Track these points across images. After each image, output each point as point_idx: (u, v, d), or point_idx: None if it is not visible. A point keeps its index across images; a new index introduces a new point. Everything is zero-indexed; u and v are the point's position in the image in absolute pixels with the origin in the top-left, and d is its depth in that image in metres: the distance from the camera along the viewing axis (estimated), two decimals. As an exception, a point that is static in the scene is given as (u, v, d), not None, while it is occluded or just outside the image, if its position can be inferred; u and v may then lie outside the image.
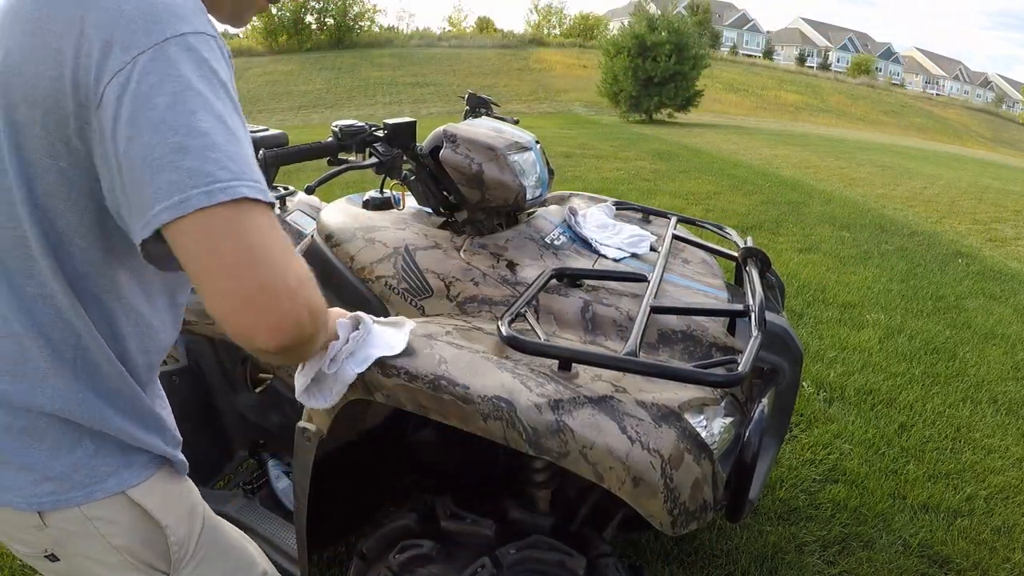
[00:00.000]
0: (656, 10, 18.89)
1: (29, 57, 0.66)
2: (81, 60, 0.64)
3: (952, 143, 26.48)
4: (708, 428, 1.10)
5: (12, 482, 0.77)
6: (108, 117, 0.63)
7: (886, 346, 3.45)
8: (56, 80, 0.65)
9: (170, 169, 0.61)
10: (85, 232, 0.73)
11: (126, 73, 0.62)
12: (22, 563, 1.82)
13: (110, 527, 0.81)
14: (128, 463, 0.81)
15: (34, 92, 0.66)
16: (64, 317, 0.75)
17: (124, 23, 0.63)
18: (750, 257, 1.45)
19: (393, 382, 1.03)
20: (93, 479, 0.79)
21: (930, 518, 2.15)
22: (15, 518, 0.79)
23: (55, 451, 0.77)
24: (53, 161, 0.68)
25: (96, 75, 0.63)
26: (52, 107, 0.66)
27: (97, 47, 0.63)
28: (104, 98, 0.63)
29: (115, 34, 0.63)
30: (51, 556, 0.83)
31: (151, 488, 0.83)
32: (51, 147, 0.68)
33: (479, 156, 1.37)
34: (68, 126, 0.66)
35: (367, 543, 1.19)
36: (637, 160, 9.19)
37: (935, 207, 7.43)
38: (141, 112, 0.62)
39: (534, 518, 1.14)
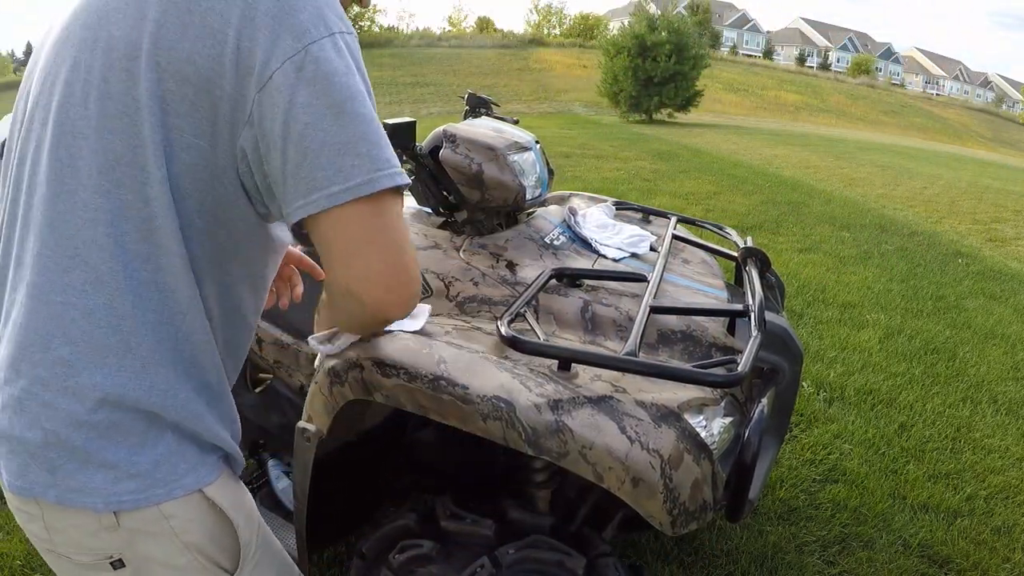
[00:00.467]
0: (656, 10, 18.91)
1: (184, 34, 0.66)
2: (243, 43, 0.65)
3: (952, 143, 26.48)
4: (708, 428, 1.10)
5: (91, 482, 0.74)
6: (280, 100, 0.65)
7: (886, 346, 3.45)
8: (215, 59, 0.66)
9: (352, 154, 0.66)
10: (207, 215, 0.73)
11: (299, 59, 0.65)
12: (22, 563, 1.82)
13: (186, 525, 0.79)
14: (203, 460, 0.80)
15: (187, 69, 0.66)
16: (173, 305, 0.74)
17: (294, 11, 0.66)
18: (750, 257, 1.45)
19: (392, 382, 1.03)
20: (174, 475, 0.77)
21: (930, 518, 2.15)
22: (88, 521, 0.75)
23: (139, 447, 0.75)
24: (196, 139, 0.69)
25: (264, 59, 0.65)
26: (205, 86, 0.66)
27: (265, 31, 0.65)
28: (272, 81, 0.65)
29: (284, 20, 0.65)
30: (117, 562, 0.79)
31: (224, 485, 0.83)
32: (197, 125, 0.68)
33: (479, 156, 1.37)
34: (220, 106, 0.67)
35: (367, 543, 1.19)
36: (637, 160, 9.20)
37: (935, 207, 7.43)
38: (319, 98, 0.65)
39: (534, 518, 1.14)
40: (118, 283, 0.71)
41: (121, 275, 0.71)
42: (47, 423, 0.72)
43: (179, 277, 0.73)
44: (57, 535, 0.77)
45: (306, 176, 0.67)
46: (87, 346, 0.72)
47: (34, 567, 1.82)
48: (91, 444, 0.73)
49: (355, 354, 1.07)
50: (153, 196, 0.70)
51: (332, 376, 1.09)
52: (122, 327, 0.72)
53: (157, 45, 0.67)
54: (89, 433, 0.73)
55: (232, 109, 0.67)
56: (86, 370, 0.72)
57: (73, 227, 0.70)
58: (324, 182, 0.66)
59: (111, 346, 0.72)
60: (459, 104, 2.03)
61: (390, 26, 50.21)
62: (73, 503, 0.74)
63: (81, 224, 0.70)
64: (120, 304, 0.71)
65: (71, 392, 0.72)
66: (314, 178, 0.66)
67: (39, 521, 0.77)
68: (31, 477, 0.74)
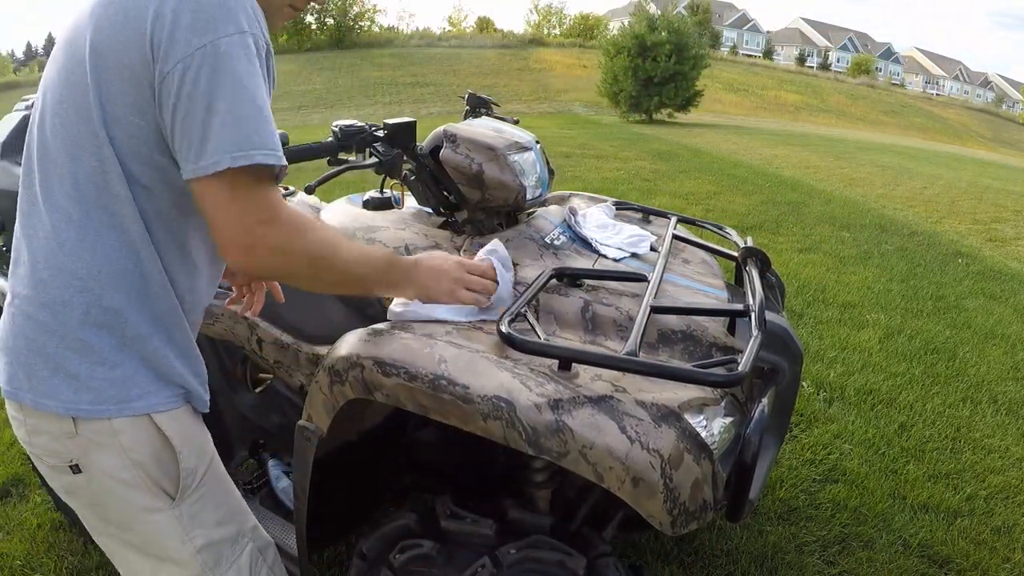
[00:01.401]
0: (656, 10, 18.91)
1: (118, 36, 0.82)
2: (155, 39, 0.79)
3: (952, 143, 26.48)
4: (708, 428, 1.10)
5: (57, 389, 0.89)
6: (172, 89, 0.80)
7: (886, 346, 3.45)
8: (140, 54, 0.81)
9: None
10: (148, 173, 0.88)
11: (186, 62, 0.79)
12: (22, 563, 1.82)
13: (133, 443, 0.92)
14: (158, 391, 0.94)
15: (121, 66, 0.82)
16: (131, 246, 0.89)
17: (187, 19, 0.79)
18: (750, 257, 1.45)
19: (393, 381, 1.03)
20: (127, 398, 0.91)
21: (930, 518, 2.15)
22: (52, 425, 0.90)
23: (99, 365, 0.89)
24: (133, 117, 0.84)
25: (164, 55, 0.79)
26: (134, 76, 0.82)
27: (166, 34, 0.79)
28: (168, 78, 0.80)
29: (177, 28, 0.79)
30: (75, 467, 0.93)
31: (173, 417, 0.95)
32: (132, 106, 0.84)
33: (479, 156, 1.37)
34: (144, 91, 0.82)
35: (367, 543, 1.19)
36: (637, 160, 9.20)
37: (935, 207, 7.44)
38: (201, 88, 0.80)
39: (534, 518, 1.14)
40: (84, 224, 0.87)
41: (84, 218, 0.87)
42: (29, 332, 0.89)
43: (133, 224, 0.88)
44: (34, 437, 0.93)
45: (192, 146, 0.82)
46: (60, 270, 0.88)
47: (34, 567, 1.82)
48: (60, 355, 0.88)
49: (355, 353, 1.07)
50: (107, 157, 0.86)
51: (332, 375, 1.09)
52: (88, 260, 0.87)
53: (98, 46, 0.83)
54: (59, 344, 0.88)
55: (152, 94, 0.82)
56: (57, 289, 0.88)
57: (53, 181, 0.88)
58: (201, 156, 0.81)
59: (77, 271, 0.88)
60: (459, 104, 2.03)
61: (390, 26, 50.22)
62: (42, 407, 0.90)
63: (57, 180, 0.88)
64: (85, 238, 0.87)
65: (47, 306, 0.88)
66: (193, 150, 0.82)
67: (23, 426, 0.93)
68: (15, 383, 0.91)
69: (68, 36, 0.88)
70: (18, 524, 1.97)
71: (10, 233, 1.64)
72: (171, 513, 0.97)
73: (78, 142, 0.86)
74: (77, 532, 1.91)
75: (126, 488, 0.94)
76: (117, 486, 0.94)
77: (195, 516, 0.99)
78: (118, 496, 0.95)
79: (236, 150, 0.80)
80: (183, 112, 0.80)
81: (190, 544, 0.99)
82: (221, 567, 1.02)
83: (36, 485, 2.11)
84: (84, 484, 0.94)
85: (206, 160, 0.80)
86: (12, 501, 2.09)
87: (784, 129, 18.79)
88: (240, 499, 1.09)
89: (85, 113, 0.85)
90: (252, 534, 1.09)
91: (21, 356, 0.90)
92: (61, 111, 0.87)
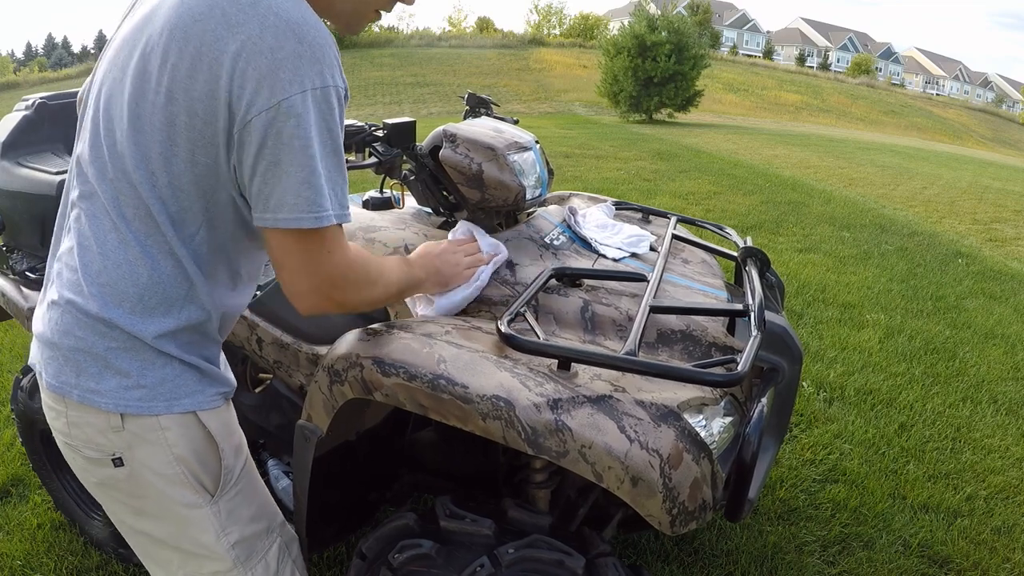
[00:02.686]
0: (656, 10, 18.88)
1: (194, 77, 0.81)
2: (235, 91, 0.80)
3: (952, 143, 26.48)
4: (707, 428, 1.10)
5: (108, 386, 0.91)
6: (255, 139, 0.81)
7: (886, 346, 3.45)
8: (214, 101, 0.81)
9: (293, 195, 0.83)
10: (214, 210, 0.90)
11: (272, 112, 0.80)
12: (22, 563, 1.82)
13: (178, 439, 0.95)
14: (203, 389, 0.97)
15: (196, 106, 0.82)
16: (186, 273, 0.91)
17: (276, 67, 0.79)
18: (750, 257, 1.45)
19: (392, 381, 1.04)
20: (175, 396, 0.94)
21: (930, 518, 2.15)
22: (98, 419, 0.92)
23: (150, 364, 0.92)
24: (205, 156, 0.85)
25: (246, 106, 0.80)
26: (208, 119, 0.83)
27: (251, 83, 0.79)
28: (251, 124, 0.81)
29: (266, 76, 0.79)
30: (117, 460, 0.94)
31: (216, 415, 0.99)
32: (204, 146, 0.85)
33: (479, 156, 1.37)
34: (218, 135, 0.83)
35: (367, 543, 1.19)
36: (637, 160, 9.20)
37: (935, 207, 7.44)
38: (281, 144, 0.81)
39: (533, 517, 1.13)
40: (144, 245, 0.89)
41: (147, 239, 0.89)
42: (79, 332, 0.90)
43: (189, 251, 0.91)
44: (75, 430, 0.94)
45: (268, 199, 0.84)
46: (114, 286, 0.89)
47: (34, 567, 1.82)
48: (111, 354, 0.90)
49: (355, 353, 1.07)
50: (177, 188, 0.87)
51: (332, 375, 1.09)
52: (141, 278, 0.89)
53: (174, 84, 0.83)
54: (110, 345, 0.90)
55: (227, 139, 0.83)
56: (111, 301, 0.89)
57: (122, 201, 0.88)
58: (273, 208, 0.84)
59: (131, 290, 0.89)
60: (459, 104, 2.03)
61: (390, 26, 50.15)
62: (90, 402, 0.91)
63: (126, 201, 0.88)
64: (144, 261, 0.89)
65: (99, 314, 0.89)
66: (269, 202, 0.84)
67: (64, 417, 0.94)
68: (63, 378, 0.92)
69: (133, 56, 0.86)
70: (18, 524, 1.97)
71: (10, 233, 1.64)
72: (209, 509, 0.99)
73: (149, 168, 0.86)
74: (77, 532, 1.92)
75: (167, 483, 0.96)
76: (159, 481, 0.96)
77: (232, 512, 1.02)
78: (158, 491, 0.96)
79: (303, 211, 0.83)
80: (258, 161, 0.82)
81: (225, 539, 1.01)
82: (252, 561, 1.04)
83: (36, 485, 2.11)
84: (124, 478, 0.96)
85: (273, 214, 0.84)
86: (12, 501, 2.09)
87: (784, 129, 18.79)
88: (269, 495, 1.12)
89: (159, 143, 0.85)
90: (280, 529, 1.11)
91: (69, 353, 0.91)
92: (134, 133, 0.86)
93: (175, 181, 0.86)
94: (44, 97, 1.64)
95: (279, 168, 0.82)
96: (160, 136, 0.84)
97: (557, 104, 22.32)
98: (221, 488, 1.00)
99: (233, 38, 0.79)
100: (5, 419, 2.47)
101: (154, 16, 0.85)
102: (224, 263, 0.96)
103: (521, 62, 30.48)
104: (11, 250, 1.65)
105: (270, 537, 1.08)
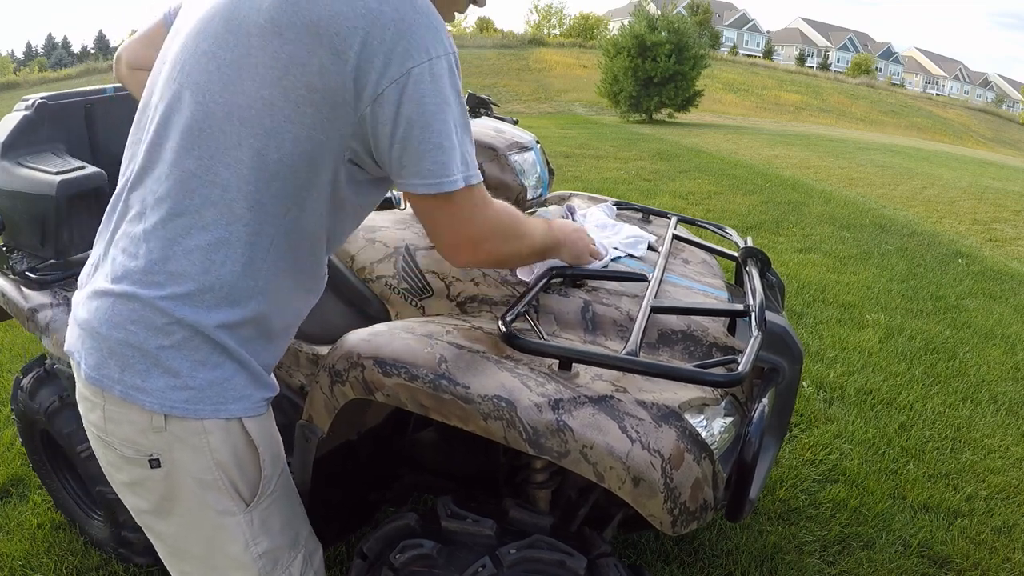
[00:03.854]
0: (656, 10, 18.88)
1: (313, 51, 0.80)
2: (362, 64, 0.79)
3: (952, 143, 26.48)
4: (708, 428, 1.10)
5: (154, 384, 0.87)
6: (389, 111, 0.81)
7: (886, 346, 3.45)
8: (339, 75, 0.80)
9: (428, 161, 0.84)
10: (290, 190, 0.87)
11: (403, 81, 0.80)
12: (22, 563, 1.82)
13: (220, 445, 0.92)
14: (251, 395, 0.94)
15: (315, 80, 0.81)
16: (255, 265, 0.89)
17: (400, 37, 0.79)
18: (750, 257, 1.45)
19: (393, 381, 1.03)
20: (223, 400, 0.90)
21: (930, 518, 2.15)
22: (139, 417, 0.88)
23: (200, 365, 0.88)
24: (319, 133, 0.84)
25: (377, 78, 0.80)
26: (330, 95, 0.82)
27: (380, 56, 0.79)
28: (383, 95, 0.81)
29: (393, 48, 0.79)
30: (155, 461, 0.91)
31: (260, 422, 0.96)
32: (315, 125, 0.84)
33: (480, 156, 1.37)
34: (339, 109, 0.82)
35: (368, 543, 1.19)
36: (637, 160, 9.20)
37: (935, 207, 7.44)
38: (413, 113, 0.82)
39: (535, 518, 1.13)
40: (222, 237, 0.86)
41: (225, 232, 0.86)
42: (131, 326, 0.86)
43: (266, 245, 0.89)
44: (112, 425, 0.90)
45: (405, 166, 0.85)
46: (181, 277, 0.86)
47: (34, 567, 1.82)
48: (163, 352, 0.87)
49: (356, 353, 1.07)
50: (273, 175, 0.86)
51: (333, 375, 1.09)
52: (214, 276, 0.87)
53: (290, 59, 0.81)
54: (163, 342, 0.86)
55: (354, 114, 0.83)
56: (175, 294, 0.86)
57: (211, 189, 0.86)
58: (412, 175, 0.85)
59: (202, 282, 0.87)
60: (459, 104, 2.02)
61: (390, 26, 49.97)
62: (133, 399, 0.87)
63: (215, 187, 0.86)
64: (218, 253, 0.86)
65: (160, 306, 0.86)
66: (407, 169, 0.85)
67: (99, 411, 0.90)
68: (104, 371, 0.88)
69: (231, 32, 0.84)
70: (18, 524, 1.97)
71: (10, 233, 1.64)
72: (242, 518, 0.97)
73: (248, 150, 0.84)
74: (77, 532, 1.91)
75: (204, 489, 0.93)
76: (195, 486, 0.93)
77: (264, 522, 0.99)
78: (193, 495, 0.93)
79: (441, 176, 0.85)
80: (394, 131, 0.82)
81: (254, 549, 0.98)
82: (275, 572, 1.02)
83: (36, 485, 2.11)
84: (159, 479, 0.92)
85: (413, 179, 0.85)
86: (12, 501, 2.09)
87: (784, 129, 18.79)
88: (300, 505, 1.09)
89: (265, 122, 0.83)
90: (306, 540, 1.09)
91: (116, 347, 0.87)
92: (231, 112, 0.84)
93: (273, 164, 0.84)
94: (44, 97, 1.64)
95: (412, 136, 0.82)
96: (270, 115, 0.82)
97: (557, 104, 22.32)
98: (258, 498, 0.98)
99: (352, 11, 0.79)
100: (5, 419, 2.47)
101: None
102: (296, 257, 0.94)
103: (521, 62, 30.48)
104: (11, 250, 1.65)
105: (296, 548, 1.06)
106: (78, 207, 1.50)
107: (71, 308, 0.96)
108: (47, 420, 1.71)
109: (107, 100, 1.76)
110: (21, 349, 3.06)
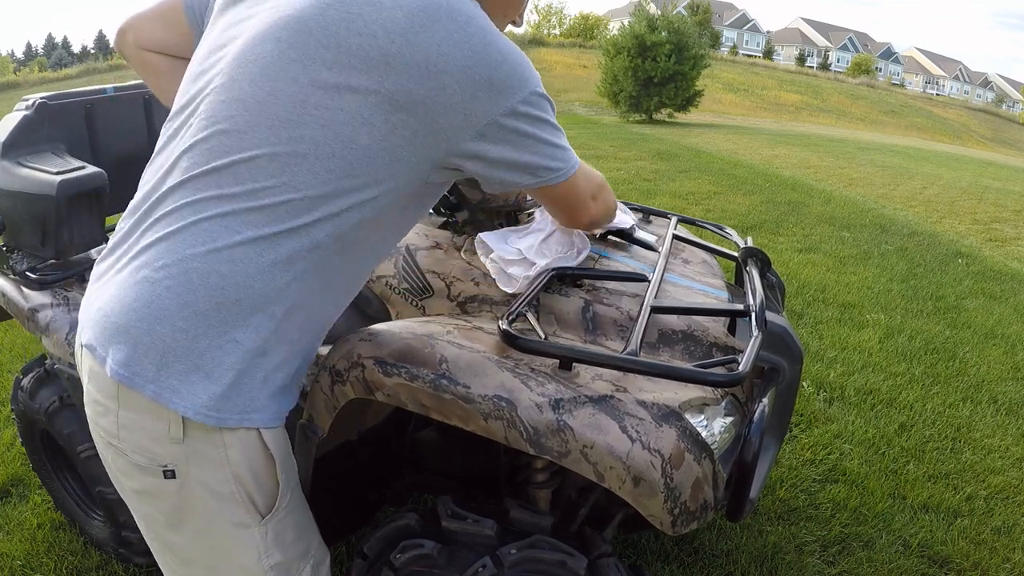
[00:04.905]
0: (656, 10, 18.87)
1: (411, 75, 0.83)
2: (468, 98, 0.84)
3: (952, 143, 26.48)
4: (709, 428, 1.10)
5: (192, 389, 0.83)
6: (500, 138, 0.89)
7: (886, 346, 3.45)
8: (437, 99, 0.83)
9: (534, 167, 0.95)
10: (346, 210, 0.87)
11: (508, 114, 0.87)
12: (22, 563, 1.82)
13: (239, 458, 0.89)
14: (270, 406, 0.91)
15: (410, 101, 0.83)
16: (301, 280, 0.88)
17: (492, 81, 0.85)
18: (750, 257, 1.45)
19: (394, 381, 1.03)
20: (248, 408, 0.88)
21: (930, 518, 2.16)
22: (157, 425, 0.85)
23: (230, 370, 0.85)
24: None
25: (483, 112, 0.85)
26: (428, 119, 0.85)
27: (469, 92, 0.84)
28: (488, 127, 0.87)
29: (495, 84, 0.86)
30: (169, 472, 0.88)
31: (278, 434, 0.95)
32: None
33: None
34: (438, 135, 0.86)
35: (368, 543, 1.19)
36: (637, 160, 9.20)
37: (935, 207, 7.44)
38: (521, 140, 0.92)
39: (535, 518, 1.14)
40: (266, 246, 0.85)
41: (255, 255, 0.85)
42: (181, 323, 0.82)
43: (309, 258, 0.87)
44: (125, 432, 0.86)
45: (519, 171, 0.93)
46: (220, 279, 0.84)
47: (34, 567, 1.82)
48: (210, 354, 0.83)
49: (356, 353, 1.07)
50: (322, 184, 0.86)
51: (333, 375, 1.09)
52: (256, 296, 0.85)
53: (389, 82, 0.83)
54: (211, 341, 0.83)
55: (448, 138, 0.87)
56: (223, 297, 0.84)
57: (255, 197, 0.85)
58: (529, 175, 0.94)
59: (243, 310, 0.85)
60: (460, 104, 2.02)
61: (390, 26, 49.96)
62: (165, 401, 0.83)
63: (263, 197, 0.85)
64: (260, 280, 0.85)
65: (210, 305, 0.83)
66: (523, 174, 0.94)
67: (112, 416, 0.86)
68: (137, 368, 0.83)
69: (295, 35, 0.83)
70: (18, 524, 1.97)
71: (10, 233, 1.64)
72: (257, 531, 0.95)
73: (288, 163, 0.83)
74: (77, 532, 1.91)
75: (220, 501, 0.91)
76: (210, 498, 0.90)
77: (279, 534, 0.98)
78: (208, 507, 0.91)
79: (552, 175, 0.96)
80: (503, 153, 0.90)
81: (266, 561, 0.97)
82: None
83: (36, 485, 2.11)
84: (173, 490, 0.89)
85: (531, 178, 0.95)
86: (12, 501, 2.09)
87: (784, 129, 18.79)
88: (310, 514, 1.08)
89: (344, 131, 0.83)
90: (315, 550, 1.08)
91: (157, 344, 0.82)
92: (284, 128, 0.83)
93: (337, 165, 0.84)
94: (44, 97, 1.63)
95: (521, 154, 0.91)
96: (355, 124, 0.83)
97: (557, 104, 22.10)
98: (275, 510, 0.96)
99: (445, 41, 0.83)
100: (5, 419, 2.47)
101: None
102: (335, 264, 0.92)
103: (521, 62, 30.39)
104: (11, 250, 1.65)
105: (305, 559, 1.05)
106: (78, 207, 1.50)
107: (84, 299, 0.93)
108: (47, 420, 1.71)
109: (107, 100, 1.76)
110: (21, 349, 3.06)
